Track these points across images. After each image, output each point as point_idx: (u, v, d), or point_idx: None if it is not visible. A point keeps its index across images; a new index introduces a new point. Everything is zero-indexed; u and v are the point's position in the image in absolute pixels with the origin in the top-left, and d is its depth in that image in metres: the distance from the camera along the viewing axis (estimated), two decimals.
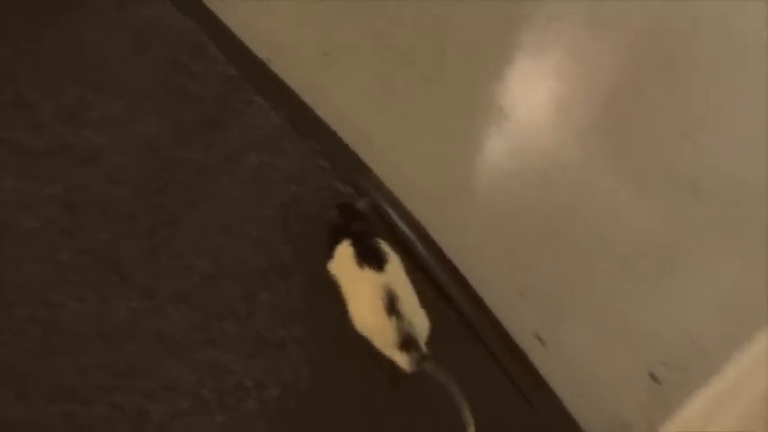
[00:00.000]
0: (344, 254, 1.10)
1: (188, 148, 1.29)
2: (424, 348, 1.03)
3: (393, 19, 1.55)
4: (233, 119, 1.31)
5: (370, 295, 1.05)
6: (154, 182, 1.26)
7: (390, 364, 1.05)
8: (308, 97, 1.39)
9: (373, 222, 1.19)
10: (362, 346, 1.09)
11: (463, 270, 1.26)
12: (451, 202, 1.35)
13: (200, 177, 1.27)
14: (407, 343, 1.03)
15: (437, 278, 1.24)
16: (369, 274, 1.07)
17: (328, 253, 1.12)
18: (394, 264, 1.09)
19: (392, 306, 1.04)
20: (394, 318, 1.03)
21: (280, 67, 1.42)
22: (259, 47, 1.43)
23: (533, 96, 1.52)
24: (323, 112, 1.37)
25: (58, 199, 1.25)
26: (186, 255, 1.20)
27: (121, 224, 1.23)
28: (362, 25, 1.53)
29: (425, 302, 1.10)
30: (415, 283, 1.11)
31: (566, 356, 1.19)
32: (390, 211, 1.28)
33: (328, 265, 1.12)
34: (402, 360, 1.03)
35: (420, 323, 1.05)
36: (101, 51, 1.40)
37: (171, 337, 1.13)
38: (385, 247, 1.10)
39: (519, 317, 1.21)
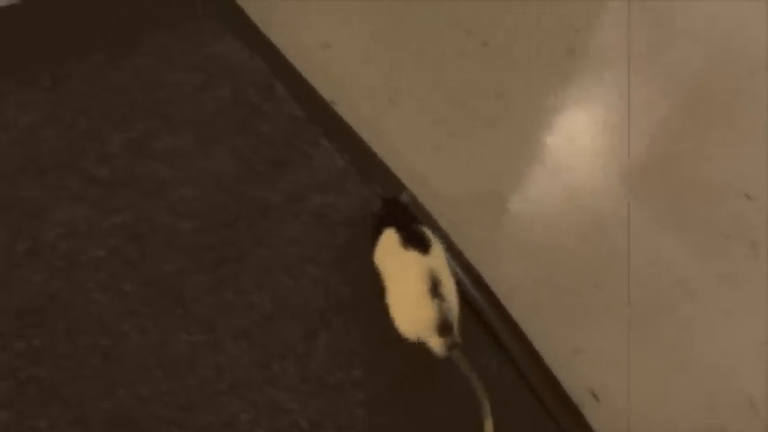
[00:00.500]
0: (388, 239, 1.13)
1: (253, 186, 1.31)
2: (457, 335, 1.05)
3: (455, 66, 1.57)
4: (299, 159, 1.33)
5: (415, 277, 1.06)
6: (219, 217, 1.28)
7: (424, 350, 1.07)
8: (370, 139, 1.40)
9: (416, 214, 1.22)
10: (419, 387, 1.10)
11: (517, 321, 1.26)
12: (505, 248, 1.35)
13: (264, 216, 1.28)
14: (444, 327, 1.04)
15: (492, 326, 1.24)
16: (414, 256, 1.09)
17: (373, 244, 1.15)
18: (437, 249, 1.11)
19: (435, 289, 1.05)
20: (437, 300, 1.04)
21: (344, 108, 1.44)
22: (324, 88, 1.45)
23: (587, 145, 1.53)
24: (384, 155, 1.38)
25: (125, 229, 1.27)
26: (248, 292, 1.21)
27: (186, 257, 1.24)
28: (425, 70, 1.55)
29: (477, 348, 1.12)
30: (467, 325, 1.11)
31: (621, 414, 1.18)
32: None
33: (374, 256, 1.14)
34: (437, 343, 1.04)
35: (455, 307, 1.07)
36: (171, 86, 1.43)
37: (230, 373, 1.14)
38: (428, 233, 1.13)
39: (574, 372, 1.21)
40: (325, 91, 1.45)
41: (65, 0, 1.57)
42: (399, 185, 1.33)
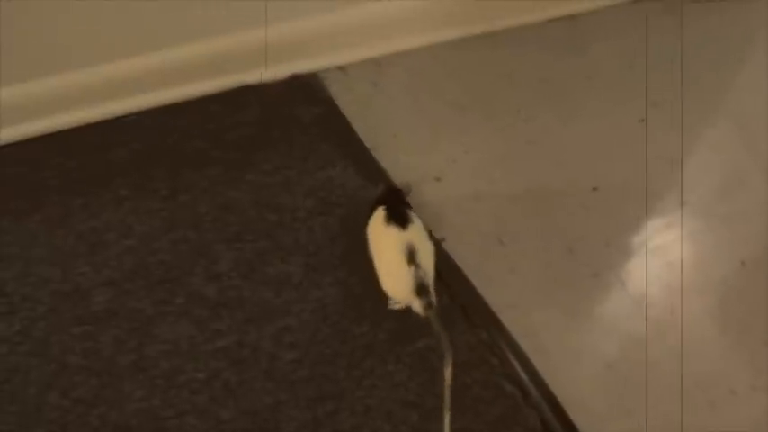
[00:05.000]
0: (378, 217, 1.30)
1: (357, 322, 1.31)
2: (433, 297, 1.22)
3: (564, 209, 1.55)
4: None
5: (394, 247, 1.24)
6: (322, 351, 1.27)
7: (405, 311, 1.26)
8: (477, 281, 1.39)
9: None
10: None
11: None
12: (608, 407, 1.30)
13: (366, 354, 1.27)
14: (421, 289, 1.22)
15: None
16: (393, 231, 1.27)
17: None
18: (417, 226, 1.29)
19: (412, 257, 1.22)
20: (413, 267, 1.21)
21: (453, 245, 1.43)
22: (434, 223, 1.45)
23: (698, 301, 1.48)
24: (490, 299, 1.36)
25: (226, 353, 1.27)
26: None
27: (285, 390, 1.23)
28: (534, 211, 1.54)
29: None
30: None
31: None
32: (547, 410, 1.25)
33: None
34: (415, 304, 1.22)
35: (431, 274, 1.25)
36: (284, 209, 1.44)
37: None
38: (412, 215, 1.31)
39: None
40: (435, 226, 1.44)
41: (186, 109, 1.61)
42: (507, 337, 1.31)
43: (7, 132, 1.54)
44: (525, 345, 1.31)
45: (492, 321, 1.32)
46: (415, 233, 1.28)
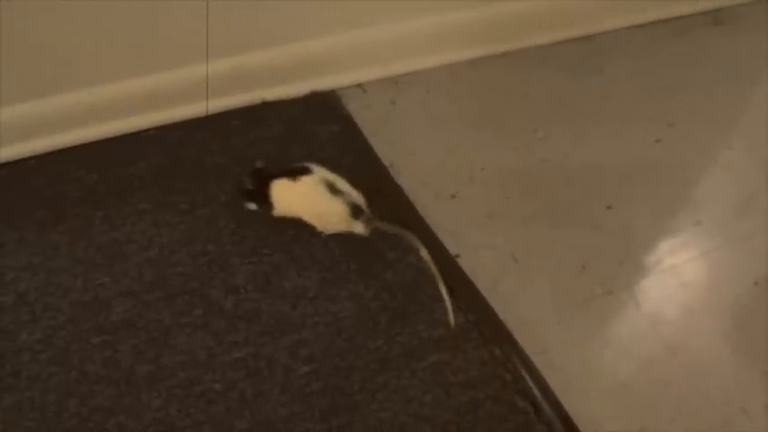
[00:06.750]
0: (280, 187, 1.38)
1: (372, 336, 1.32)
2: (368, 212, 1.33)
3: (578, 228, 1.57)
4: (419, 313, 1.34)
5: (315, 190, 1.34)
6: (337, 364, 1.29)
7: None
8: (490, 297, 1.40)
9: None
10: None
11: None
12: (614, 428, 1.31)
13: (380, 368, 1.28)
14: (356, 211, 1.33)
15: None
16: (304, 179, 1.35)
17: (267, 206, 1.40)
18: (318, 168, 1.37)
19: (334, 188, 1.33)
20: (338, 197, 1.32)
21: (467, 262, 1.44)
22: (449, 240, 1.47)
23: (711, 322, 1.48)
24: (504, 315, 1.38)
25: (243, 365, 1.29)
26: None
27: (300, 402, 1.25)
28: (548, 229, 1.56)
29: None
30: None
31: None
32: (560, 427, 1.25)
33: (274, 213, 1.41)
34: (357, 227, 1.33)
35: (357, 196, 1.35)
36: (300, 224, 1.46)
37: None
38: (302, 164, 1.38)
39: None
40: (450, 243, 1.46)
41: (206, 124, 1.64)
42: (520, 353, 1.32)
43: (31, 145, 1.57)
44: (538, 361, 1.32)
45: (505, 338, 1.33)
46: (322, 172, 1.37)
